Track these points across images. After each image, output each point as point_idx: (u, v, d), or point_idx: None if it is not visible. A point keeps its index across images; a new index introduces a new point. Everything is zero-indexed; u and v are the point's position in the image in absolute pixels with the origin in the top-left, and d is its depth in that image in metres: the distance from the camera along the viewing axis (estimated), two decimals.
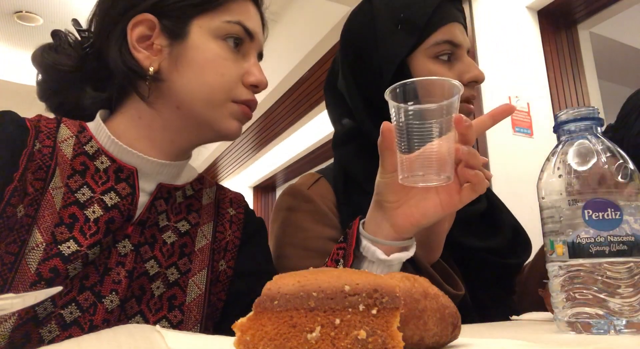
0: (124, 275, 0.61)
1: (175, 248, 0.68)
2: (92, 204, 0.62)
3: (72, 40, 0.70)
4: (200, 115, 0.66)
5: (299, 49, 3.38)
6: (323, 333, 0.25)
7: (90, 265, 0.60)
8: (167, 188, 0.69)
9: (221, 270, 0.72)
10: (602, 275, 0.41)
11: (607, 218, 0.42)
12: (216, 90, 0.65)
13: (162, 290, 0.64)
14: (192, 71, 0.65)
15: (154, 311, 0.63)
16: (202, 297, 0.68)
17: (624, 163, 0.44)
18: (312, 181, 0.84)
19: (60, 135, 0.65)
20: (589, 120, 0.47)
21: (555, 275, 0.45)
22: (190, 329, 0.65)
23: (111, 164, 0.65)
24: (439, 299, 0.34)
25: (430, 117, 0.52)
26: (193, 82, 0.65)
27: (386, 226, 0.60)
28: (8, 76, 4.18)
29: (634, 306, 0.41)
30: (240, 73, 0.68)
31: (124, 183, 0.64)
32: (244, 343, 0.26)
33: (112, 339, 0.39)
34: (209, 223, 0.73)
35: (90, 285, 0.59)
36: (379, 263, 0.60)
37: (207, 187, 0.77)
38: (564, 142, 0.48)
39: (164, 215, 0.68)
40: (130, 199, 0.64)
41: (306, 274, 0.28)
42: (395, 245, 0.60)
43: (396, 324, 0.26)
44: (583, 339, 0.39)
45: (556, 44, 2.50)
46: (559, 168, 0.46)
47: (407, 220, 0.59)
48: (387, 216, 0.60)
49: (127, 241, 0.63)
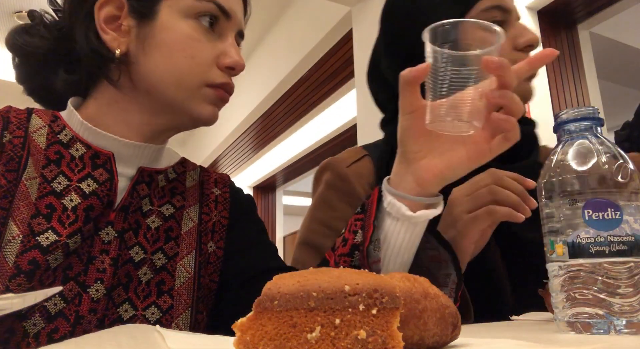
0: (108, 263, 0.60)
1: (160, 233, 0.66)
2: (69, 192, 0.60)
3: (49, 21, 0.67)
4: (172, 99, 0.63)
5: (298, 49, 3.38)
6: (323, 333, 0.25)
7: (72, 254, 0.58)
8: (148, 172, 0.66)
9: (210, 251, 0.70)
10: (602, 275, 0.41)
11: (607, 218, 0.42)
12: (186, 73, 0.62)
13: (149, 276, 0.63)
14: (160, 53, 0.61)
15: (142, 298, 0.61)
16: (192, 280, 0.66)
17: (624, 163, 0.44)
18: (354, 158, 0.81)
19: (32, 125, 0.63)
20: (589, 120, 0.47)
21: (555, 275, 0.45)
22: (181, 313, 0.63)
23: (87, 151, 0.62)
24: (439, 300, 0.34)
25: (470, 64, 0.49)
26: (161, 66, 0.61)
27: (409, 180, 0.57)
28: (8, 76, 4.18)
29: (634, 306, 0.41)
30: (214, 54, 0.64)
31: (101, 168, 0.62)
32: (244, 343, 0.26)
33: (112, 339, 0.39)
34: (195, 205, 0.71)
35: (74, 275, 0.58)
36: (403, 221, 0.57)
37: (191, 170, 0.75)
38: (564, 142, 0.48)
39: (147, 200, 0.66)
40: (109, 184, 0.62)
41: (306, 274, 0.28)
42: (420, 201, 0.57)
43: (396, 324, 0.26)
44: (583, 339, 0.39)
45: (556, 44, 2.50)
46: (559, 168, 0.46)
47: (431, 172, 0.55)
48: (411, 169, 0.56)
49: (111, 228, 0.62)
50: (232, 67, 0.65)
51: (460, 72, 0.48)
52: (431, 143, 0.55)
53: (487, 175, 0.66)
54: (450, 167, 0.55)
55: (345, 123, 4.02)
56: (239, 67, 0.66)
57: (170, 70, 0.62)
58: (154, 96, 0.63)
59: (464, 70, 0.48)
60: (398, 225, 0.58)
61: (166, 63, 0.61)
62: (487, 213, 0.64)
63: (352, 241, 0.60)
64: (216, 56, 0.64)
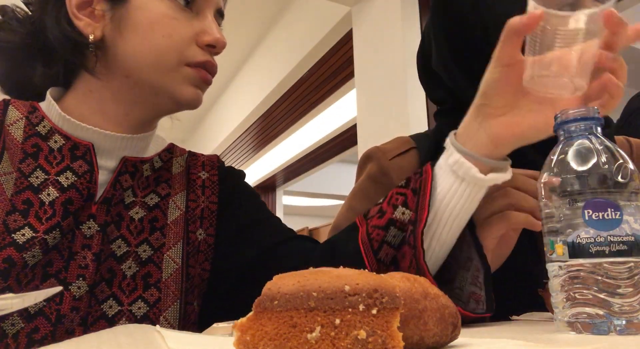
0: (90, 258, 0.58)
1: (144, 224, 0.64)
2: (47, 186, 0.58)
3: (21, 16, 0.65)
4: (151, 82, 0.61)
5: (298, 49, 3.38)
6: (323, 333, 0.25)
7: (52, 250, 0.56)
8: (132, 162, 0.64)
9: (200, 239, 0.67)
10: (602, 275, 0.41)
11: (607, 218, 0.42)
12: (164, 53, 0.60)
13: (134, 269, 0.61)
14: (136, 35, 0.60)
15: (127, 293, 0.59)
16: (180, 271, 0.63)
17: (624, 163, 0.44)
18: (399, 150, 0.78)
19: (9, 118, 0.61)
20: (589, 120, 0.47)
21: (555, 275, 0.45)
22: (169, 306, 0.61)
23: (66, 142, 0.60)
24: (439, 300, 0.34)
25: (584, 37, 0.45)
26: (139, 47, 0.60)
27: (482, 137, 0.52)
28: None
29: (634, 306, 0.41)
30: (192, 32, 0.62)
31: (80, 160, 0.60)
32: (244, 343, 0.26)
33: (112, 339, 0.39)
34: (181, 192, 0.69)
35: (55, 271, 0.56)
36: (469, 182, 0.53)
37: (178, 156, 0.72)
38: (564, 142, 0.48)
39: (130, 191, 0.64)
40: (89, 177, 0.60)
41: (306, 274, 0.28)
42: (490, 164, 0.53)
43: (396, 324, 0.26)
44: (583, 339, 0.39)
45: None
46: (559, 168, 0.46)
47: (511, 130, 0.51)
48: (487, 125, 0.52)
49: (93, 222, 0.59)
50: (212, 44, 0.63)
51: (568, 31, 0.45)
52: (517, 101, 0.51)
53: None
54: (534, 127, 0.51)
55: (345, 123, 4.02)
56: (219, 45, 0.64)
57: (148, 51, 0.60)
58: (132, 80, 0.61)
59: (571, 30, 0.45)
60: (462, 185, 0.54)
61: (143, 44, 0.60)
62: (502, 219, 0.60)
63: (391, 215, 0.58)
64: (195, 34, 0.62)
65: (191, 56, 0.62)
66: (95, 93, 0.63)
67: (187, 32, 0.61)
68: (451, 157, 0.54)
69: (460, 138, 0.55)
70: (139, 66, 0.60)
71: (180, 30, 0.61)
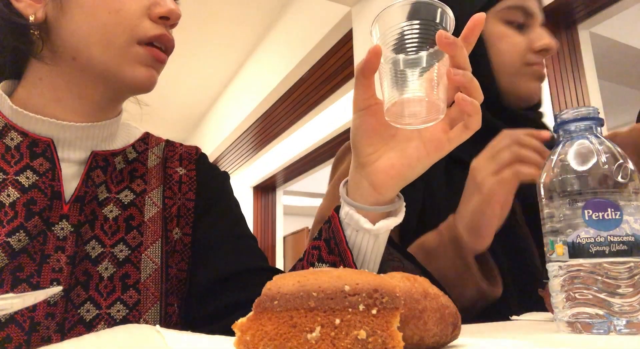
0: (64, 261, 0.54)
1: (120, 223, 0.60)
2: (6, 187, 0.54)
3: None
4: (100, 63, 0.57)
5: (298, 49, 3.38)
6: (323, 333, 0.25)
7: (21, 254, 0.53)
8: (102, 156, 0.61)
9: (176, 238, 0.64)
10: (602, 275, 0.41)
11: (607, 218, 0.42)
12: (112, 30, 0.56)
13: (111, 270, 0.57)
14: (81, 12, 0.56)
15: (105, 295, 0.56)
16: (159, 272, 0.60)
17: (624, 163, 0.44)
18: None
19: None
20: (589, 120, 0.47)
21: (555, 275, 0.45)
22: (149, 308, 0.59)
23: (23, 139, 0.57)
24: (439, 299, 0.34)
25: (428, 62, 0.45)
26: (84, 25, 0.56)
27: (365, 186, 0.53)
28: None
29: (634, 306, 0.41)
30: (143, 5, 0.58)
31: (40, 158, 0.57)
32: (244, 343, 0.26)
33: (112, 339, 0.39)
34: (158, 188, 0.65)
35: (26, 276, 0.52)
36: (364, 232, 0.54)
37: (154, 146, 0.68)
38: (564, 142, 0.48)
39: (103, 187, 0.60)
40: (51, 175, 0.56)
41: (306, 274, 0.28)
42: (378, 211, 0.53)
43: (396, 324, 0.26)
44: (583, 339, 0.39)
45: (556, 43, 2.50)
46: (559, 168, 0.46)
47: (387, 174, 0.51)
48: (366, 172, 0.52)
49: (66, 222, 0.56)
50: (165, 16, 0.59)
51: (415, 72, 0.45)
52: (385, 143, 0.52)
53: (505, 136, 0.66)
54: (407, 164, 0.51)
55: (345, 123, 4.02)
56: (173, 16, 0.60)
57: (95, 29, 0.56)
58: (81, 62, 0.57)
59: (420, 70, 0.45)
60: (359, 235, 0.54)
61: (89, 22, 0.56)
62: (514, 173, 0.63)
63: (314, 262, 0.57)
64: (146, 7, 0.58)
65: (143, 31, 0.58)
66: (45, 80, 0.59)
67: (136, 6, 0.58)
68: (342, 211, 0.55)
69: (350, 190, 0.55)
70: (86, 46, 0.56)
71: (128, 5, 0.57)
